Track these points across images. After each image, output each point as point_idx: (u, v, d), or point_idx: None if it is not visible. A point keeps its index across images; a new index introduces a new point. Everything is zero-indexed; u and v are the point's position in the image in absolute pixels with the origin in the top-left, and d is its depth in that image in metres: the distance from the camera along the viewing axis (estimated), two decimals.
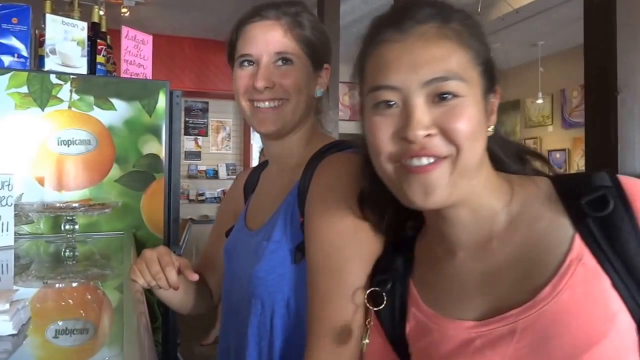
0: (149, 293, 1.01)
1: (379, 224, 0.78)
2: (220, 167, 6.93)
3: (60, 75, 1.65)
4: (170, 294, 1.01)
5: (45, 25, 1.66)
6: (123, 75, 1.84)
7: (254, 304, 0.90)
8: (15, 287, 0.98)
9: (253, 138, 6.52)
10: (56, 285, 1.08)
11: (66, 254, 1.37)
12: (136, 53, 1.88)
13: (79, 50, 1.70)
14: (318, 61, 0.98)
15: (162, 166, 1.76)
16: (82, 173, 1.66)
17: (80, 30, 1.71)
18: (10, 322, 0.69)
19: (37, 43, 1.74)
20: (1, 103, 1.58)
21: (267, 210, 0.96)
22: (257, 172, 1.13)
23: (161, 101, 1.76)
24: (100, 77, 1.80)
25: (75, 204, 1.48)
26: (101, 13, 1.98)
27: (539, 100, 6.04)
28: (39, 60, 1.72)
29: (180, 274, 0.97)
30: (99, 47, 1.86)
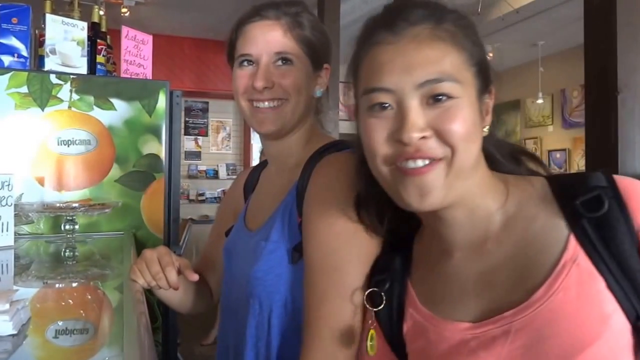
0: (149, 293, 1.01)
1: (377, 225, 0.78)
2: (220, 167, 6.93)
3: (60, 75, 1.65)
4: (169, 294, 1.01)
5: (45, 25, 1.66)
6: (123, 75, 1.84)
7: (252, 304, 0.90)
8: (15, 287, 0.98)
9: (253, 138, 6.52)
10: (56, 285, 1.08)
11: (66, 254, 1.37)
12: (136, 53, 1.88)
13: (79, 50, 1.70)
14: (318, 61, 0.98)
15: (162, 166, 1.76)
16: (82, 173, 1.66)
17: (80, 30, 1.71)
18: (10, 322, 0.69)
19: (37, 43, 1.74)
20: (1, 103, 1.58)
21: (266, 211, 0.96)
22: (258, 172, 1.13)
23: (161, 101, 1.76)
24: (100, 77, 1.80)
25: (75, 204, 1.48)
26: (101, 13, 1.98)
27: (539, 100, 6.04)
28: (39, 60, 1.72)
29: (180, 274, 0.97)
30: (99, 47, 1.86)
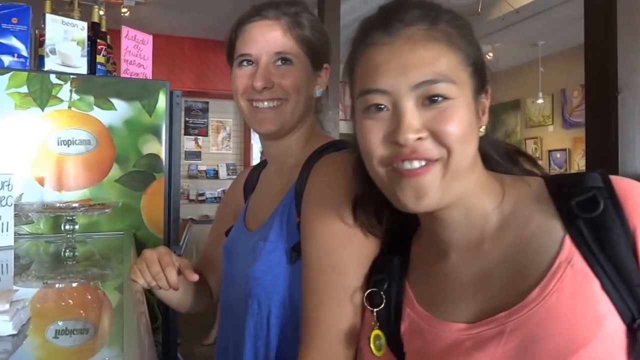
0: (149, 293, 1.01)
1: (375, 225, 0.77)
2: (220, 167, 6.93)
3: (60, 75, 1.65)
4: (169, 293, 1.01)
5: (45, 25, 1.66)
6: (123, 75, 1.84)
7: (250, 304, 0.90)
8: (15, 287, 0.98)
9: (253, 138, 6.53)
10: (56, 285, 1.08)
11: (66, 254, 1.37)
12: (136, 53, 1.88)
13: (79, 50, 1.70)
14: (318, 61, 0.98)
15: (162, 166, 1.76)
16: (82, 173, 1.66)
17: (80, 30, 1.70)
18: (10, 322, 0.69)
19: (37, 43, 1.74)
20: (1, 103, 1.58)
21: (266, 211, 0.96)
22: (257, 171, 1.13)
23: (161, 101, 1.76)
24: (100, 77, 1.80)
25: (75, 204, 1.48)
26: (101, 13, 1.98)
27: (540, 100, 6.04)
28: (39, 60, 1.72)
29: (180, 274, 0.97)
30: (99, 47, 1.86)
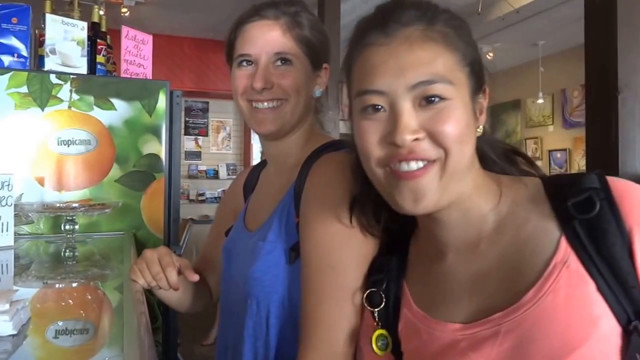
0: (149, 293, 1.01)
1: (374, 225, 0.77)
2: (220, 167, 6.94)
3: (60, 75, 1.65)
4: (169, 293, 1.01)
5: (45, 25, 1.65)
6: (123, 75, 1.84)
7: (249, 304, 0.90)
8: (15, 287, 0.98)
9: (253, 138, 6.52)
10: (56, 285, 1.08)
11: (66, 254, 1.37)
12: (136, 53, 1.88)
13: (79, 50, 1.69)
14: (317, 61, 0.98)
15: (162, 166, 1.76)
16: (82, 173, 1.66)
17: (80, 30, 1.70)
18: (10, 322, 0.69)
19: (37, 43, 1.74)
20: (1, 103, 1.57)
21: (266, 211, 0.96)
22: (257, 171, 1.13)
23: (161, 101, 1.76)
24: (100, 77, 1.80)
25: (75, 204, 1.48)
26: (101, 13, 1.98)
27: (540, 100, 6.04)
28: (39, 60, 1.72)
29: (180, 274, 0.97)
30: (99, 47, 1.85)
